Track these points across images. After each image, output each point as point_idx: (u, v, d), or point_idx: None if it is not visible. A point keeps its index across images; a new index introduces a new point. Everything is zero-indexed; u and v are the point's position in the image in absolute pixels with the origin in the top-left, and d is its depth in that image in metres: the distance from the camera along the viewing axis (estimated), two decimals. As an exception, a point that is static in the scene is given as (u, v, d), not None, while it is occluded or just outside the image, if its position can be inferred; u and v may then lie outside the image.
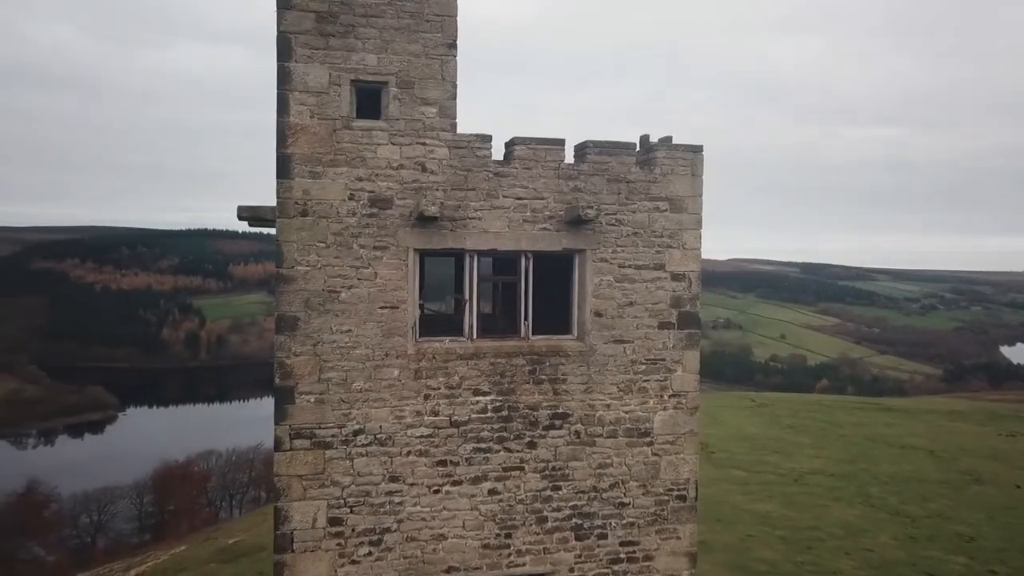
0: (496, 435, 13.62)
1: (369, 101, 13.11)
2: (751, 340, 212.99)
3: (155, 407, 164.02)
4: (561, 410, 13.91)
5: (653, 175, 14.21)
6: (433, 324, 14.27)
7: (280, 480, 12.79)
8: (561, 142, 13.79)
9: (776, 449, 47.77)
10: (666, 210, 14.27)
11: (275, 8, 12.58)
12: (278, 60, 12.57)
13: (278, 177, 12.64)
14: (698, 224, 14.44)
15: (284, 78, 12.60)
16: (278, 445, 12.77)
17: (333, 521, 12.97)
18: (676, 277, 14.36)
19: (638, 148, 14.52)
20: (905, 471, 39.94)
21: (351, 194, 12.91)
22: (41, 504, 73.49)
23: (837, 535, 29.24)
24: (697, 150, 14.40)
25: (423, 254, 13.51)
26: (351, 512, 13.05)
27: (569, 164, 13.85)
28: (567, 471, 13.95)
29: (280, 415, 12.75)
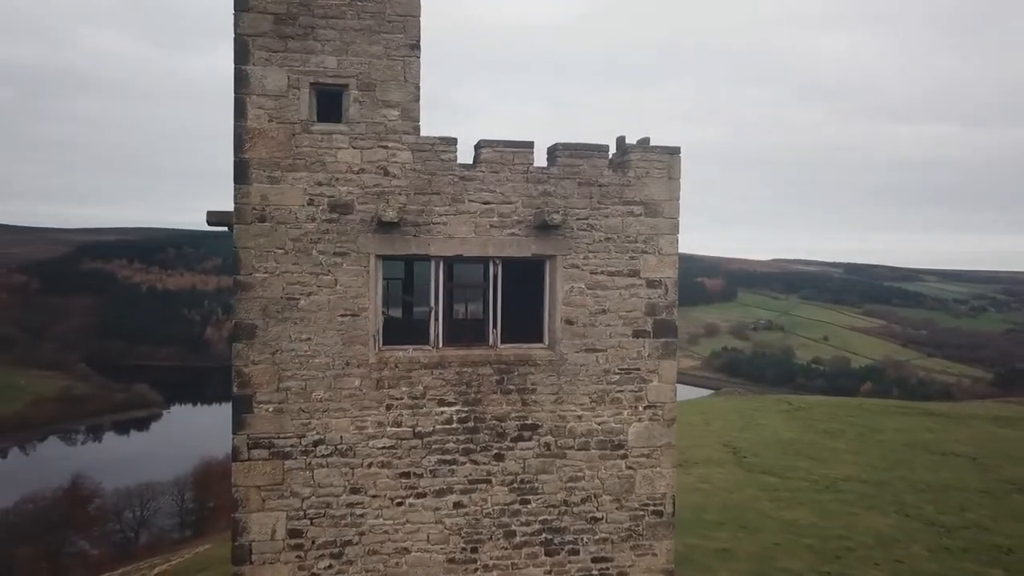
0: (462, 447, 13.24)
1: (330, 104, 12.83)
2: (793, 342, 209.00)
3: (198, 405, 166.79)
4: (530, 421, 13.47)
5: (627, 178, 13.69)
6: (403, 331, 13.94)
7: (238, 490, 12.57)
8: (530, 144, 13.36)
9: (810, 454, 46.59)
10: (641, 214, 13.74)
11: (232, 11, 12.36)
12: (235, 63, 12.36)
13: (235, 182, 12.43)
14: (675, 229, 13.89)
15: (241, 81, 12.37)
16: (236, 455, 12.56)
17: (292, 533, 12.72)
18: (652, 284, 13.83)
19: (614, 150, 14.03)
20: (944, 479, 38.57)
21: (310, 199, 12.64)
22: (86, 499, 75.06)
23: (867, 545, 28.27)
24: (674, 152, 13.85)
25: (386, 260, 13.17)
26: (311, 524, 12.78)
27: (538, 167, 13.41)
28: (536, 484, 13.51)
29: (238, 424, 12.54)
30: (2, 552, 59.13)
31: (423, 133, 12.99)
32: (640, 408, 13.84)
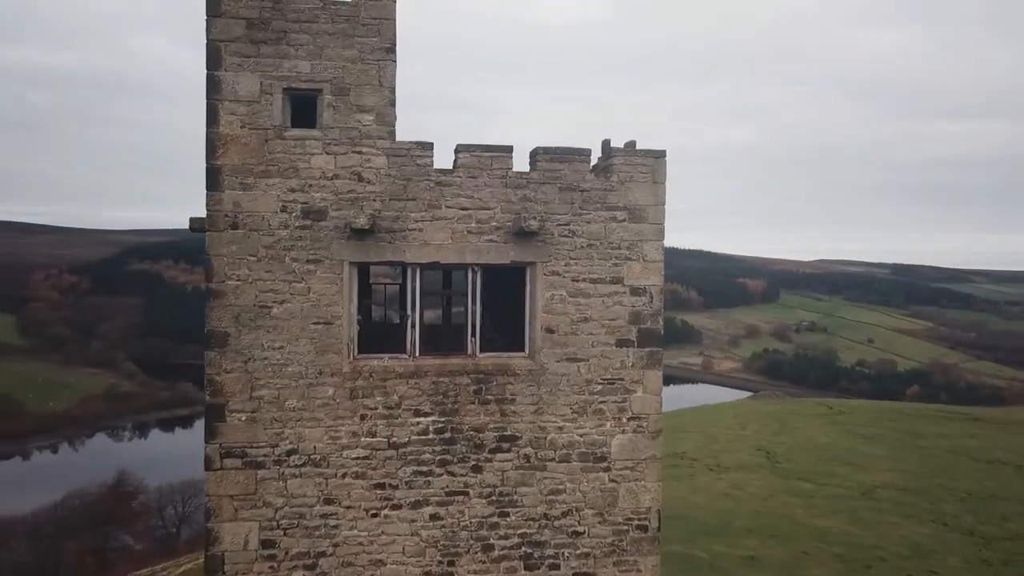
0: (438, 458, 12.97)
1: (305, 110, 12.66)
2: (837, 344, 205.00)
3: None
4: (509, 432, 13.15)
5: (610, 183, 13.29)
6: (383, 340, 13.72)
7: (211, 500, 12.46)
8: (509, 149, 13.04)
9: (847, 460, 45.52)
10: (624, 220, 13.33)
11: (204, 16, 12.26)
12: (207, 69, 12.25)
13: (207, 189, 12.32)
14: (660, 235, 13.44)
15: (213, 87, 12.26)
16: (208, 464, 12.45)
17: (266, 543, 12.57)
18: (636, 291, 13.40)
19: (600, 154, 13.64)
20: (987, 488, 37.29)
21: (283, 206, 12.49)
22: (130, 495, 76.59)
23: (901, 555, 27.42)
24: (659, 155, 13.41)
25: (360, 267, 12.95)
26: (284, 534, 12.62)
27: (518, 172, 13.09)
28: (515, 497, 13.18)
29: (210, 433, 12.43)
30: (50, 546, 60.47)
31: (463, 139, 12.74)
32: (624, 420, 13.42)
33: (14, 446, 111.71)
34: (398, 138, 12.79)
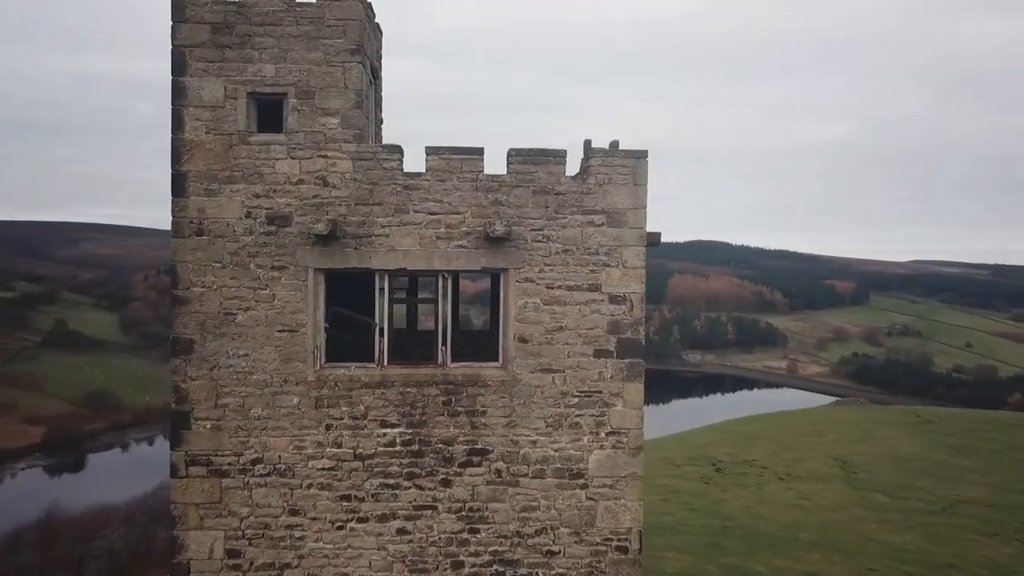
0: (405, 471, 12.58)
1: (271, 114, 12.48)
2: (932, 349, 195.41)
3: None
4: (480, 446, 12.65)
5: (586, 185, 12.63)
6: (358, 349, 13.41)
7: (176, 507, 12.42)
8: (479, 151, 12.55)
9: (931, 472, 43.22)
10: (602, 224, 12.65)
11: (170, 22, 12.22)
12: (172, 75, 12.20)
13: (173, 195, 12.28)
14: (640, 240, 12.71)
15: (178, 93, 12.21)
16: (174, 471, 12.41)
17: (231, 553, 12.44)
18: (615, 299, 12.71)
19: (582, 155, 13.00)
20: (1089, 508, 34.69)
21: (248, 211, 12.33)
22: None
23: (978, 576, 25.69)
24: (640, 156, 12.67)
25: (327, 274, 12.67)
26: (249, 544, 12.47)
27: (489, 175, 12.57)
28: (486, 513, 12.67)
29: (175, 441, 12.39)
30: (142, 534, 63.00)
31: (532, 143, 12.44)
32: (602, 434, 12.74)
33: (115, 437, 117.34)
34: (472, 143, 12.54)
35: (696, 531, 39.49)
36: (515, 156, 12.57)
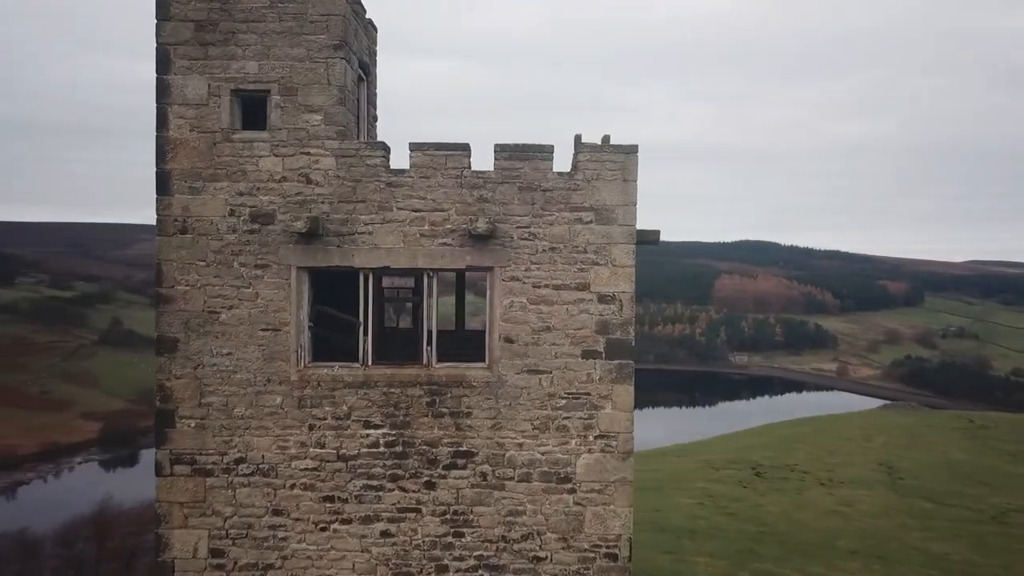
0: (389, 472, 12.38)
1: (255, 112, 12.40)
2: (990, 352, 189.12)
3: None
4: (464, 448, 12.38)
5: (574, 181, 12.28)
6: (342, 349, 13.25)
7: (160, 506, 12.40)
8: (464, 147, 12.28)
9: (982, 480, 41.72)
10: (591, 221, 12.28)
11: (155, 21, 12.20)
12: (157, 73, 12.19)
13: (157, 194, 12.27)
14: (630, 237, 12.30)
15: (163, 91, 12.19)
16: (158, 470, 12.40)
17: (215, 552, 12.38)
18: (604, 299, 12.32)
19: (574, 150, 12.65)
20: None
21: (231, 210, 12.26)
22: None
23: (1029, 588, 24.62)
24: (629, 151, 12.27)
25: (310, 272, 12.53)
26: (233, 544, 12.39)
27: (474, 171, 12.31)
28: (471, 517, 12.40)
29: (160, 439, 12.37)
30: None
31: (588, 139, 12.17)
32: (590, 438, 12.37)
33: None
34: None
35: (730, 536, 38.65)
36: (501, 152, 12.28)
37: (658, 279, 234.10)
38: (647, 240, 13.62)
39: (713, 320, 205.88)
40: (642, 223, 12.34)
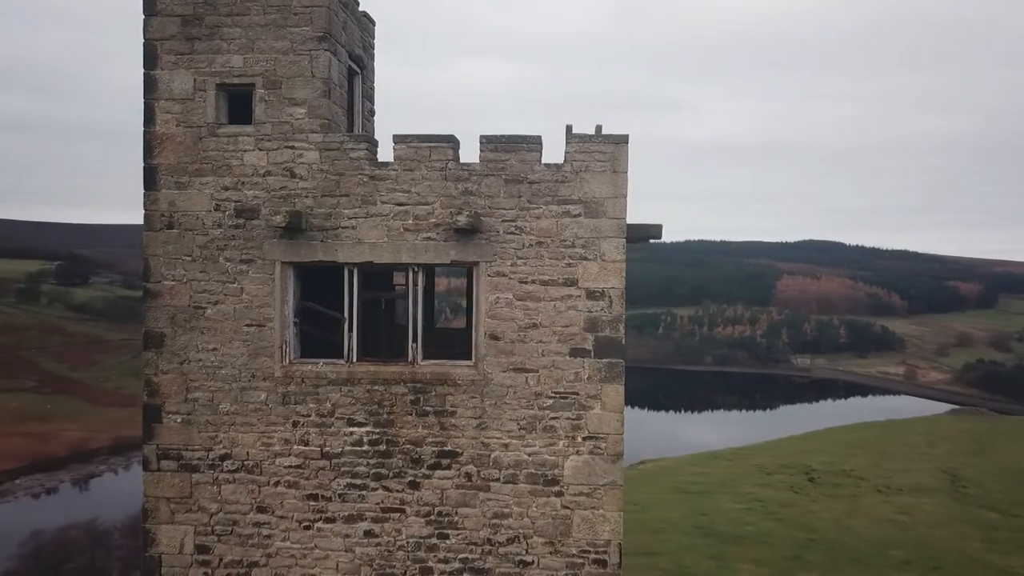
0: (373, 471, 12.15)
1: (242, 106, 12.31)
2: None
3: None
4: (449, 448, 12.08)
5: (562, 173, 11.86)
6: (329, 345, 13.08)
7: (148, 501, 12.42)
8: (449, 138, 11.98)
9: None
10: (579, 215, 11.85)
11: (142, 16, 12.23)
12: (144, 69, 12.21)
13: (144, 189, 12.28)
14: (620, 231, 11.82)
15: (149, 87, 12.20)
16: (146, 464, 12.42)
17: (200, 549, 12.34)
18: (592, 295, 11.87)
19: (566, 142, 12.23)
20: None
21: (217, 204, 12.20)
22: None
23: (1097, 605, 23.33)
24: (619, 141, 11.80)
25: (295, 267, 12.38)
26: (218, 541, 12.33)
27: (459, 164, 11.99)
28: (456, 518, 12.08)
29: (147, 434, 12.38)
30: None
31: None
32: (579, 439, 11.93)
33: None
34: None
35: (777, 543, 37.52)
36: (486, 143, 11.94)
37: (717, 280, 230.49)
38: (648, 235, 13.15)
39: (774, 321, 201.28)
40: (701, 222, 12.16)
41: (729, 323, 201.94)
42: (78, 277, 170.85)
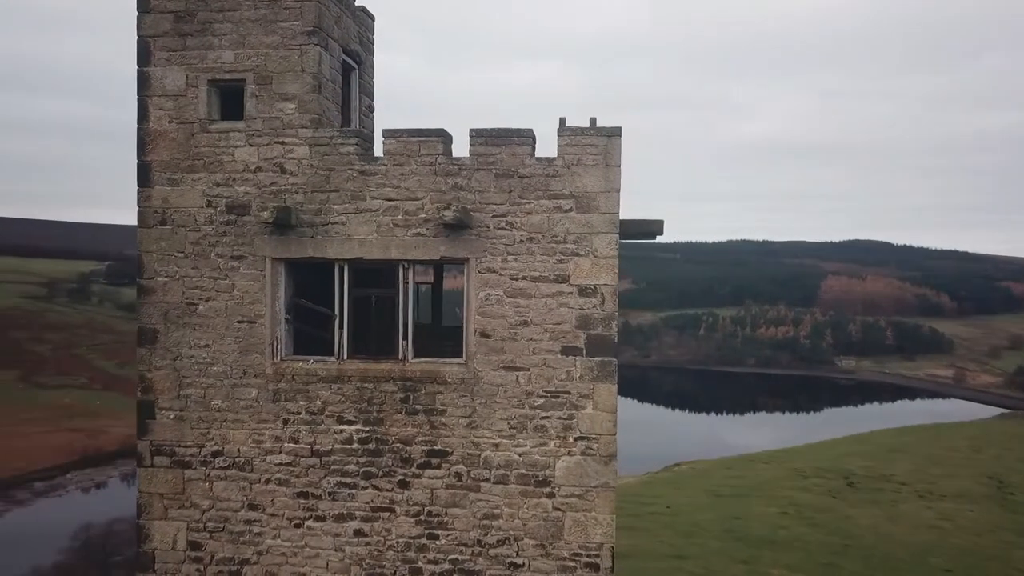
0: (363, 470, 12.02)
1: (234, 102, 12.28)
2: None
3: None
4: (439, 447, 11.88)
5: (553, 167, 11.59)
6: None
7: (142, 496, 12.45)
8: (439, 132, 11.80)
9: None
10: (570, 209, 11.56)
11: (136, 13, 12.26)
12: (138, 66, 12.24)
13: (138, 186, 12.32)
14: (613, 226, 11.51)
15: (143, 83, 12.23)
16: (140, 460, 12.46)
17: (193, 545, 12.33)
18: (584, 292, 11.58)
19: (558, 135, 11.96)
20: None
21: (208, 200, 12.18)
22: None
23: None
24: (612, 133, 11.49)
25: (286, 264, 12.30)
26: (210, 538, 12.30)
27: (450, 158, 11.80)
28: (446, 519, 11.89)
29: (141, 430, 12.42)
30: None
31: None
32: (570, 439, 11.64)
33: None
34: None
35: (812, 548, 36.69)
36: (476, 137, 11.72)
37: (760, 280, 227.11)
38: (649, 231, 12.84)
39: (818, 322, 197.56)
40: (744, 221, 11.67)
41: (772, 324, 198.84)
42: (127, 277, 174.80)
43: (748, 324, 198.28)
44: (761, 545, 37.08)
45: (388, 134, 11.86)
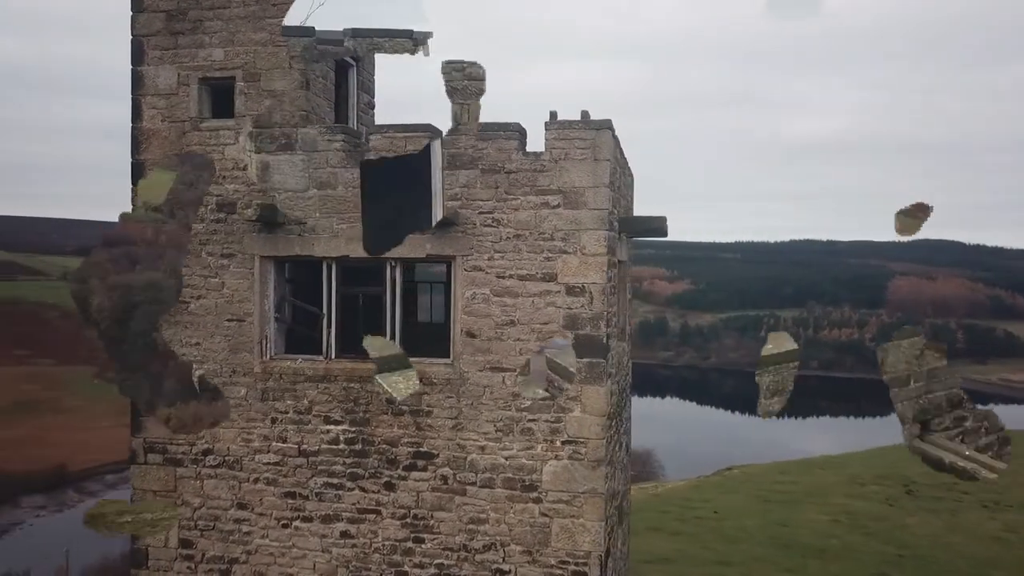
0: (349, 471, 11.86)
1: (223, 99, 12.27)
2: None
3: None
4: (424, 449, 11.64)
5: (540, 162, 11.23)
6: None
7: (135, 493, 12.54)
8: (426, 127, 11.57)
9: None
10: (558, 205, 11.19)
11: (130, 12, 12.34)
12: (131, 65, 12.33)
13: (133, 184, 12.38)
14: (601, 223, 11.09)
15: (136, 83, 12.32)
16: (133, 458, 12.54)
17: (184, 543, 12.36)
18: (572, 290, 11.19)
19: (546, 129, 11.61)
20: None
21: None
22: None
23: None
24: (601, 126, 11.08)
25: (275, 262, 12.21)
26: (201, 536, 12.32)
27: (436, 154, 11.53)
28: (431, 522, 11.64)
29: (135, 427, 12.50)
30: None
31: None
32: (557, 443, 11.27)
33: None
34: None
35: (864, 558, 35.34)
36: (463, 132, 11.43)
37: (823, 281, 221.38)
38: (651, 228, 12.41)
39: (885, 325, 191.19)
40: (806, 220, 11.22)
41: (835, 326, 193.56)
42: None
43: (811, 326, 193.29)
44: (808, 553, 35.88)
45: (374, 130, 11.71)
